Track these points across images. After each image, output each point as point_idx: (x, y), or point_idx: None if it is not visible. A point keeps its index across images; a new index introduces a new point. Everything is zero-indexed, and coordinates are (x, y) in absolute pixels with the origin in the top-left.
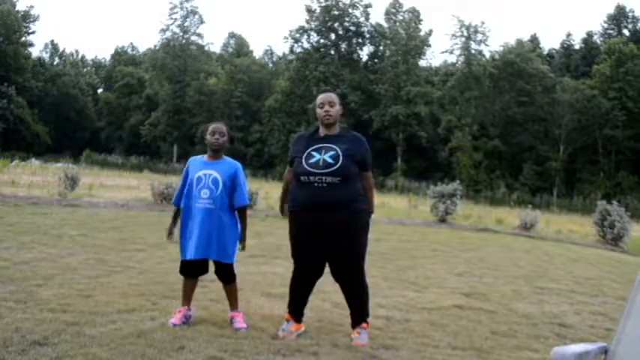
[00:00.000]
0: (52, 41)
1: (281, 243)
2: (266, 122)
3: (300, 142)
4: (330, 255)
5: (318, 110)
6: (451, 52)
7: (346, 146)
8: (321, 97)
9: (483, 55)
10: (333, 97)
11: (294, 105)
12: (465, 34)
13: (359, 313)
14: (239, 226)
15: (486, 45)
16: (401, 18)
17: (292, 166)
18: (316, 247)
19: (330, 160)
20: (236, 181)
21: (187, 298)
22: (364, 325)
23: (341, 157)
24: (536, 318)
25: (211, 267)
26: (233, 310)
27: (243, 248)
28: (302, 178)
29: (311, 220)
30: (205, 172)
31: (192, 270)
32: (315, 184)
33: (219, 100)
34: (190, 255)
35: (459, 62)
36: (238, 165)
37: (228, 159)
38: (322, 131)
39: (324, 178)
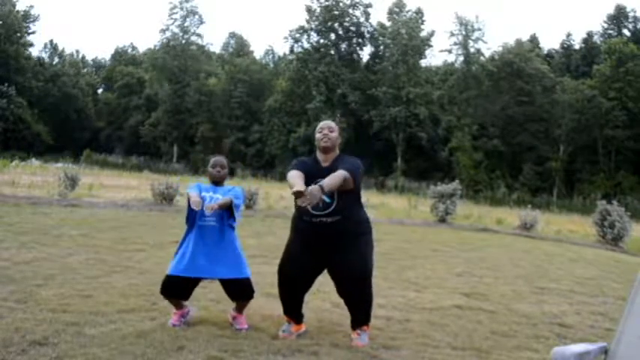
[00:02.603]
0: (51, 41)
1: (281, 243)
2: (266, 122)
3: (303, 170)
4: (339, 276)
5: (317, 135)
6: (450, 52)
7: None
8: (321, 124)
9: (482, 54)
10: (332, 124)
11: (294, 105)
12: (463, 31)
13: (361, 319)
14: (239, 244)
15: (484, 42)
16: (404, 18)
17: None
18: (310, 265)
19: (327, 200)
20: (233, 192)
21: (177, 305)
22: (364, 327)
23: (336, 194)
24: (536, 318)
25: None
26: (237, 312)
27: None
28: (305, 217)
29: (314, 242)
30: (209, 195)
31: (173, 288)
32: (319, 222)
33: (219, 100)
34: (183, 272)
35: (458, 61)
36: (237, 187)
37: (228, 185)
38: (320, 158)
39: (324, 219)
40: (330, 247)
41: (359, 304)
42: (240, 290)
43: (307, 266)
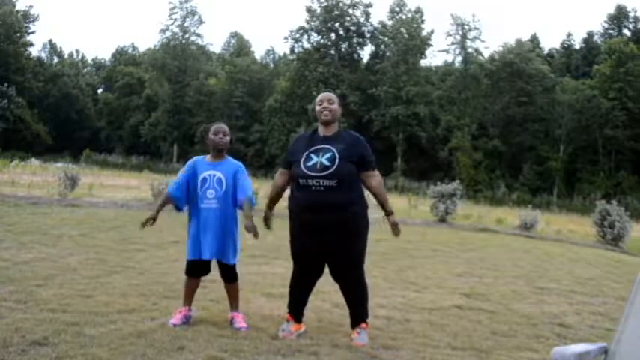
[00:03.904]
0: (50, 41)
1: (281, 243)
2: (266, 122)
3: (299, 144)
4: (329, 256)
5: (317, 107)
6: (447, 52)
7: (343, 146)
8: (320, 96)
9: (480, 53)
10: (332, 96)
11: (294, 105)
12: (460, 32)
13: (358, 313)
14: (239, 228)
15: (481, 41)
16: (404, 17)
17: (287, 168)
18: (315, 247)
19: (326, 163)
20: (236, 178)
21: (189, 298)
22: (364, 325)
23: (337, 160)
24: (536, 318)
25: (214, 267)
26: (233, 311)
27: (255, 235)
28: (300, 181)
29: (310, 220)
30: (210, 173)
31: (196, 270)
32: (313, 188)
33: (219, 100)
34: (196, 255)
35: (457, 61)
36: (240, 165)
37: (230, 159)
38: (321, 131)
39: (321, 181)
40: (325, 222)
41: (354, 289)
42: (224, 273)
43: (311, 244)
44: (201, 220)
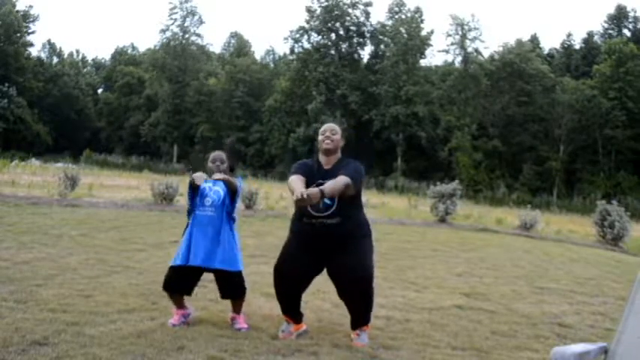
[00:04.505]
0: (49, 40)
1: (281, 243)
2: (266, 122)
3: (307, 171)
4: (339, 278)
5: (320, 137)
6: (447, 52)
7: None
8: (324, 126)
9: (480, 53)
10: (335, 127)
11: (294, 105)
12: (460, 32)
13: (360, 319)
14: (237, 238)
15: (481, 41)
16: (403, 17)
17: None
18: (308, 265)
19: (328, 202)
20: None
21: (179, 305)
22: (364, 327)
23: (336, 197)
24: (536, 318)
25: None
26: (234, 312)
27: (222, 177)
28: (305, 219)
29: (313, 243)
30: (210, 185)
31: (176, 282)
32: (318, 225)
33: (219, 100)
34: (184, 261)
35: (457, 61)
36: (240, 180)
37: None
38: (322, 161)
39: (325, 220)
40: (330, 249)
41: (359, 307)
42: (230, 285)
43: (306, 266)
44: (196, 226)
